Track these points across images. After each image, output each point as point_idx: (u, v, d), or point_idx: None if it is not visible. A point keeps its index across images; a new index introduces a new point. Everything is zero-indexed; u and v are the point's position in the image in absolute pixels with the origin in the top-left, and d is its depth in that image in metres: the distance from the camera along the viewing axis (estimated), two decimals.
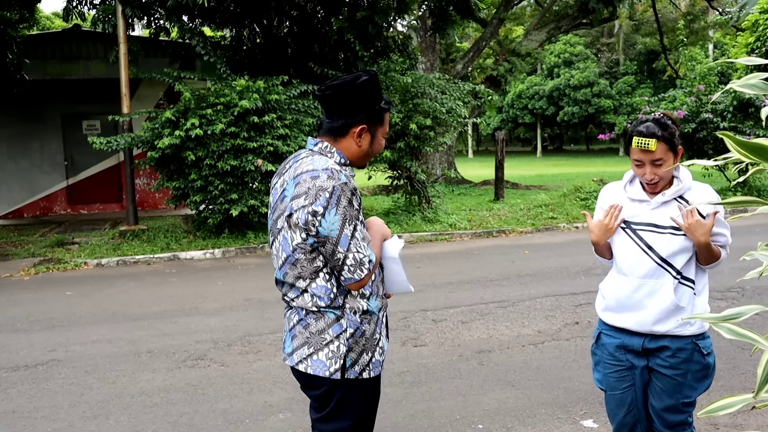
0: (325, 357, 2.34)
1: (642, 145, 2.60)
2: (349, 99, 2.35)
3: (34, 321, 6.79)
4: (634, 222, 2.72)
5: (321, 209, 2.23)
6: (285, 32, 14.54)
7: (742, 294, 6.73)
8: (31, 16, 15.03)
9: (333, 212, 2.23)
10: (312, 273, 2.32)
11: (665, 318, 2.64)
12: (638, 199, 2.73)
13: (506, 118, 49.02)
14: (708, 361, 2.69)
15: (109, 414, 4.40)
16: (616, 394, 2.81)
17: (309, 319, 2.36)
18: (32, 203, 15.85)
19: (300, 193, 2.27)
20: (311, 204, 2.24)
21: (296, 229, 2.28)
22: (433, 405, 4.37)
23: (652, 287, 2.65)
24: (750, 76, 1.72)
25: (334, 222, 2.23)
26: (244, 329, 6.21)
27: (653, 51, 43.66)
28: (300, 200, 2.27)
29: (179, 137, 10.20)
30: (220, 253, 10.44)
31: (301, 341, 2.38)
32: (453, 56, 25.24)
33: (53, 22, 29.58)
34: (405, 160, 12.07)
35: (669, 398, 2.69)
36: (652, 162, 2.63)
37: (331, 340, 2.34)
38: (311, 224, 2.25)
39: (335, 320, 2.34)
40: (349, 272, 2.27)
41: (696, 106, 15.27)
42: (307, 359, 2.36)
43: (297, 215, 2.27)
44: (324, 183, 2.24)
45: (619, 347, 2.78)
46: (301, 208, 2.26)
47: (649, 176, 2.64)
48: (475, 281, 7.96)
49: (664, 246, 2.63)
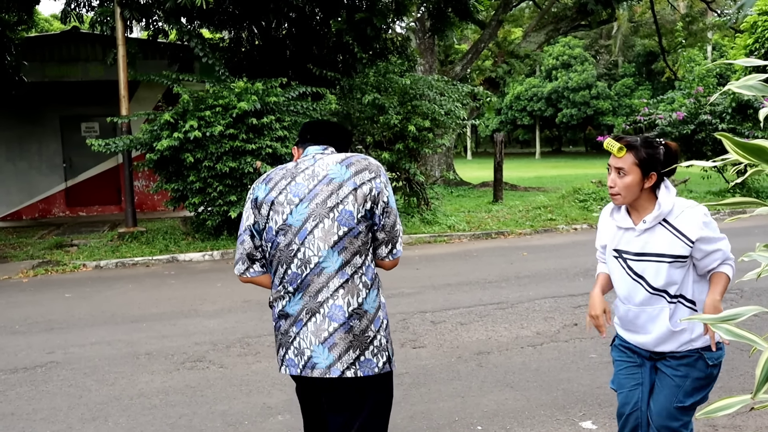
0: (371, 354, 2.37)
1: (609, 146, 2.58)
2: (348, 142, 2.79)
3: (33, 323, 6.79)
4: (624, 251, 2.70)
5: (386, 180, 2.45)
6: (283, 34, 14.55)
7: (741, 295, 6.74)
8: (30, 18, 15.02)
9: (390, 188, 2.47)
10: (367, 247, 2.43)
11: (666, 340, 2.65)
12: (624, 227, 2.69)
13: (505, 120, 49.03)
14: (711, 372, 2.66)
15: (107, 416, 4.39)
16: (623, 392, 2.81)
17: (352, 321, 2.37)
18: (31, 205, 15.83)
19: (361, 169, 2.42)
20: (378, 176, 2.42)
21: (366, 198, 2.39)
22: (431, 406, 4.37)
23: (650, 313, 2.66)
24: (748, 77, 1.72)
25: (392, 195, 2.46)
26: (243, 331, 6.21)
27: (652, 52, 43.69)
28: (366, 174, 2.41)
29: (178, 139, 10.20)
30: (219, 255, 10.44)
31: (344, 347, 2.36)
32: (452, 58, 25.24)
33: (51, 24, 29.54)
34: (404, 162, 12.07)
35: (663, 398, 2.68)
36: (616, 169, 2.60)
37: (374, 336, 2.40)
38: (383, 194, 2.41)
39: (375, 314, 2.41)
40: (400, 245, 2.52)
41: (695, 107, 15.29)
42: (355, 363, 2.35)
43: (369, 186, 2.40)
44: (374, 162, 2.47)
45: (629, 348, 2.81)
46: (371, 179, 2.41)
47: (610, 182, 2.63)
48: (473, 283, 7.96)
49: (652, 274, 2.62)
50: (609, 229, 2.78)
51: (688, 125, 15.07)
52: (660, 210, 2.59)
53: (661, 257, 2.59)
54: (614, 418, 4.01)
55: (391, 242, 2.45)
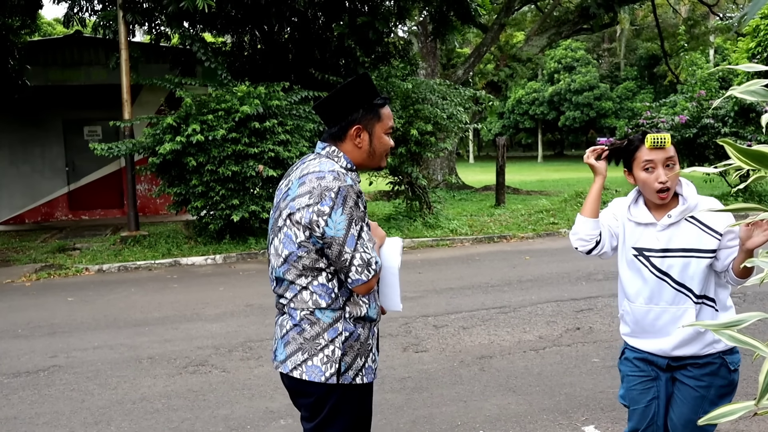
0: (320, 362, 2.30)
1: (658, 142, 2.48)
2: (338, 103, 2.38)
3: (36, 327, 6.79)
4: (646, 249, 2.58)
5: (327, 209, 2.22)
6: (286, 38, 14.57)
7: (744, 300, 6.73)
8: (33, 22, 15.05)
9: (339, 212, 2.22)
10: (314, 271, 2.30)
11: (688, 343, 2.54)
12: (644, 223, 2.60)
13: (507, 124, 49.04)
14: (733, 378, 2.58)
15: (110, 420, 4.39)
16: (639, 408, 2.66)
17: (304, 324, 2.32)
18: (34, 209, 15.86)
19: (303, 193, 2.26)
20: (316, 204, 2.23)
21: (299, 227, 2.26)
22: (434, 411, 4.36)
23: (674, 313, 2.55)
24: (750, 82, 1.72)
25: (340, 222, 2.22)
26: (246, 335, 6.21)
27: (654, 56, 43.68)
28: (304, 199, 2.26)
29: (180, 143, 10.22)
30: (221, 259, 10.44)
31: (295, 347, 2.34)
32: (454, 62, 25.27)
33: (54, 28, 29.62)
34: (406, 166, 12.07)
35: (688, 411, 2.56)
36: (666, 161, 2.50)
37: (326, 345, 2.31)
38: (316, 224, 2.23)
39: (330, 324, 2.32)
40: (357, 273, 2.24)
41: (697, 111, 15.28)
42: (302, 365, 2.32)
43: (301, 214, 2.25)
44: (330, 183, 2.24)
45: (642, 360, 2.67)
46: (305, 207, 2.25)
47: (663, 178, 2.49)
48: (476, 287, 7.95)
49: (679, 270, 2.52)
50: (625, 224, 2.66)
51: (690, 129, 15.05)
52: (686, 204, 2.53)
53: (689, 252, 2.50)
54: (617, 423, 4.01)
55: (343, 272, 2.26)
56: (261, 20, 13.35)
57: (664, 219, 2.55)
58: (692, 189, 2.58)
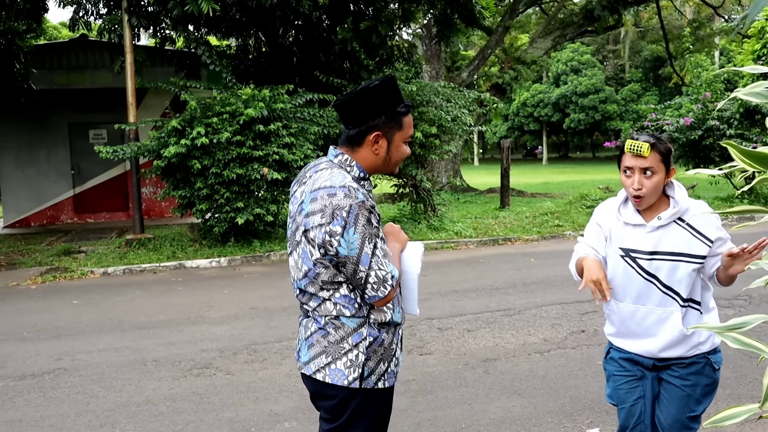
0: (344, 366, 2.31)
1: (634, 149, 2.48)
2: (361, 106, 2.29)
3: (41, 330, 6.81)
4: (633, 250, 2.60)
5: (339, 229, 2.18)
6: (290, 41, 14.61)
7: (749, 302, 6.70)
8: (39, 26, 15.12)
9: (351, 231, 2.18)
10: (335, 285, 2.29)
11: (674, 345, 2.58)
12: (633, 224, 2.61)
13: (512, 126, 49.05)
14: (716, 377, 2.65)
15: (115, 423, 4.40)
16: (626, 407, 2.72)
17: (329, 328, 2.32)
18: (39, 212, 15.92)
19: (315, 210, 2.22)
20: (328, 224, 2.19)
21: (314, 245, 2.24)
22: (438, 414, 4.36)
23: (659, 315, 2.58)
24: (755, 84, 1.72)
25: (353, 241, 2.18)
26: (250, 338, 6.21)
27: (659, 58, 43.65)
28: (316, 217, 2.22)
29: (185, 146, 10.24)
30: (226, 262, 10.46)
31: (319, 350, 2.34)
32: (458, 64, 25.29)
33: (60, 32, 29.76)
34: (410, 169, 12.07)
35: (675, 410, 2.63)
36: (643, 170, 2.50)
37: (350, 349, 2.31)
38: (329, 244, 2.20)
39: (355, 329, 2.31)
40: (373, 290, 2.23)
41: (702, 113, 15.24)
42: (325, 368, 2.32)
43: (314, 233, 2.23)
44: (341, 201, 2.19)
45: (628, 360, 2.71)
46: (318, 226, 2.21)
47: (637, 185, 2.50)
48: (480, 289, 7.94)
49: (667, 273, 2.54)
50: (612, 226, 2.67)
51: (695, 131, 15.02)
52: (677, 207, 2.54)
53: (678, 256, 2.52)
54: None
55: (359, 289, 2.26)
56: (265, 23, 13.38)
57: (653, 221, 2.57)
58: (684, 192, 2.60)
